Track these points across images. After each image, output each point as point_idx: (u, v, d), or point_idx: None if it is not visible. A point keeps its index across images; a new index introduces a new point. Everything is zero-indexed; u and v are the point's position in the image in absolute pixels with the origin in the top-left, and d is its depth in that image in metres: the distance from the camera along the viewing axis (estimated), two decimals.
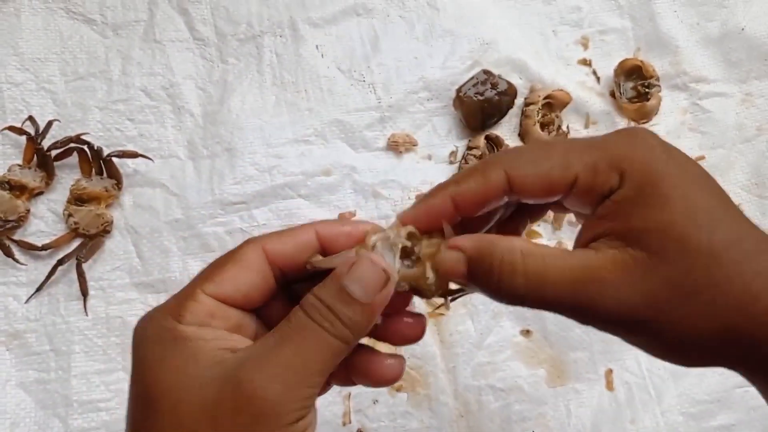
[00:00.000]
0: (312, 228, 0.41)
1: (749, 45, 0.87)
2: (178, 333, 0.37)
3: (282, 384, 0.35)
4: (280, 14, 0.85)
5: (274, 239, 0.40)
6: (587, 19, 0.89)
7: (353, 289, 0.37)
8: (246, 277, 0.39)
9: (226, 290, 0.38)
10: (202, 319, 0.37)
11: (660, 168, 0.36)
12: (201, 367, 0.35)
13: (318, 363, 0.36)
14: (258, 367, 0.35)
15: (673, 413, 0.74)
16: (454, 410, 0.73)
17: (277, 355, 0.35)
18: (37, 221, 0.76)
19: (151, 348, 0.37)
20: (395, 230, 0.40)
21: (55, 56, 0.81)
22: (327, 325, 0.36)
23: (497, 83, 0.81)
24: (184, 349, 0.36)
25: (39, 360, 0.72)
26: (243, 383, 0.34)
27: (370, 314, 0.37)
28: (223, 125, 0.80)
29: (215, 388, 0.35)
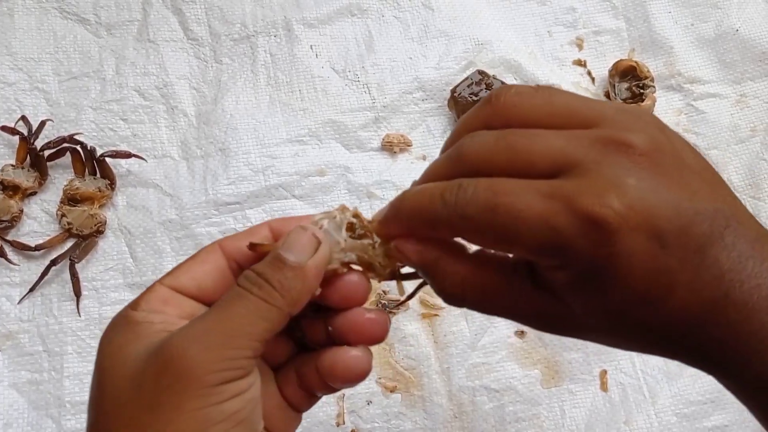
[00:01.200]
0: (266, 224, 0.42)
1: (744, 46, 0.88)
2: (128, 318, 0.38)
3: (202, 345, 0.35)
4: (274, 14, 0.85)
5: (232, 237, 0.42)
6: (582, 19, 0.89)
7: (286, 255, 0.37)
8: (199, 268, 0.41)
9: (180, 280, 0.40)
10: (154, 306, 0.39)
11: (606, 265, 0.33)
12: (141, 345, 0.37)
13: (244, 325, 0.36)
14: (180, 333, 0.36)
15: (667, 414, 0.74)
16: (448, 411, 0.73)
17: (199, 321, 0.37)
18: (30, 221, 0.76)
19: (106, 335, 0.39)
20: (340, 210, 0.41)
21: (48, 56, 0.81)
22: (255, 290, 0.37)
23: (492, 84, 0.81)
24: (131, 330, 0.38)
25: (32, 361, 0.71)
26: (165, 348, 0.35)
27: (302, 277, 0.38)
28: (217, 125, 0.80)
29: (143, 359, 0.36)
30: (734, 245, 0.33)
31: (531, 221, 0.33)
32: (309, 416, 0.71)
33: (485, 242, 0.36)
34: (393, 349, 0.75)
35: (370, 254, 0.40)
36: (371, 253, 0.40)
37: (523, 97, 0.37)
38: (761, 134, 0.85)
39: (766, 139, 0.85)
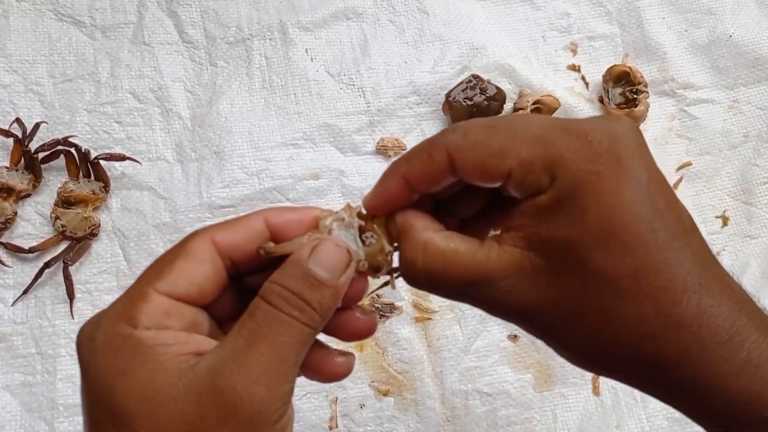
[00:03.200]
0: (261, 216, 0.39)
1: (737, 52, 0.88)
2: (135, 340, 0.34)
3: (266, 386, 0.33)
4: (269, 18, 0.85)
5: (223, 229, 0.38)
6: (576, 25, 0.89)
7: (318, 271, 0.35)
8: (198, 271, 0.37)
9: (179, 287, 0.36)
10: (158, 321, 0.35)
11: (590, 182, 0.34)
12: (170, 377, 0.33)
13: (293, 355, 0.35)
14: (237, 372, 0.33)
15: (658, 418, 0.74)
16: (440, 415, 0.73)
17: (254, 356, 0.34)
18: (24, 224, 0.76)
19: (107, 359, 0.34)
20: (347, 211, 0.40)
21: (43, 58, 0.81)
22: (297, 314, 0.35)
23: (486, 88, 0.82)
24: (147, 359, 0.34)
25: (25, 363, 0.71)
26: (225, 391, 0.33)
27: (337, 296, 0.36)
28: (211, 128, 0.80)
29: (193, 400, 0.33)
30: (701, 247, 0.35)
31: (528, 136, 0.35)
32: (302, 420, 0.71)
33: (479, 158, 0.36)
34: (386, 353, 0.75)
35: (379, 259, 0.40)
36: (380, 258, 0.40)
37: None
38: (754, 140, 0.85)
39: (758, 144, 0.85)
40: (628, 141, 0.35)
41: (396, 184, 0.39)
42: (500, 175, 0.36)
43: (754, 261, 0.81)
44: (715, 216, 0.83)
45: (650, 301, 0.33)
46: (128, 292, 0.36)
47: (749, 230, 0.82)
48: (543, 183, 0.35)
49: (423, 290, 0.39)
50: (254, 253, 0.38)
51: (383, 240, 0.40)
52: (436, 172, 0.38)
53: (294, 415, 0.38)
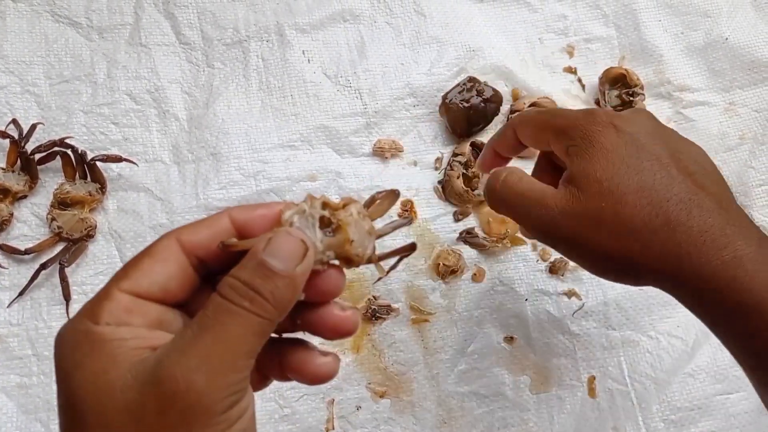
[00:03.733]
0: (225, 214, 0.40)
1: (733, 54, 0.88)
2: (94, 335, 0.35)
3: (205, 374, 0.33)
4: (266, 19, 0.85)
5: (189, 229, 0.39)
6: (573, 27, 0.89)
7: (273, 263, 0.35)
8: (161, 269, 0.37)
9: (141, 285, 0.37)
10: (118, 317, 0.36)
11: (593, 136, 0.50)
12: (121, 369, 0.34)
13: (242, 345, 0.35)
14: (177, 361, 0.34)
15: (655, 420, 0.74)
16: (437, 417, 0.73)
17: (196, 345, 0.34)
18: (21, 225, 0.76)
19: (68, 354, 0.35)
20: (309, 203, 0.39)
21: (40, 59, 0.81)
22: (247, 304, 0.35)
23: (483, 90, 0.82)
24: (102, 352, 0.34)
25: (21, 365, 0.71)
26: (164, 380, 0.33)
27: (293, 286, 0.36)
28: (208, 130, 0.80)
29: (137, 390, 0.33)
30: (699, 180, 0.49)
31: (562, 115, 0.54)
32: (298, 422, 0.71)
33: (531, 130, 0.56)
34: (383, 355, 0.75)
35: (347, 249, 0.39)
36: (348, 247, 0.39)
37: None
38: (750, 142, 0.86)
39: (754, 147, 0.85)
40: (627, 118, 0.52)
41: (490, 153, 0.62)
42: (544, 142, 0.54)
43: None
44: None
45: (650, 207, 0.47)
46: (97, 293, 0.37)
47: None
48: (566, 141, 0.52)
49: (494, 205, 0.56)
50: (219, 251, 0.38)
51: (347, 230, 0.39)
52: (510, 143, 0.59)
53: (254, 411, 0.38)
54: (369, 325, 0.76)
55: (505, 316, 0.77)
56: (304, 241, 0.37)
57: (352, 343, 0.75)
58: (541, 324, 0.77)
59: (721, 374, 0.76)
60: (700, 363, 0.76)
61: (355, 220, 0.40)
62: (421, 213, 0.80)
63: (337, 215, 0.39)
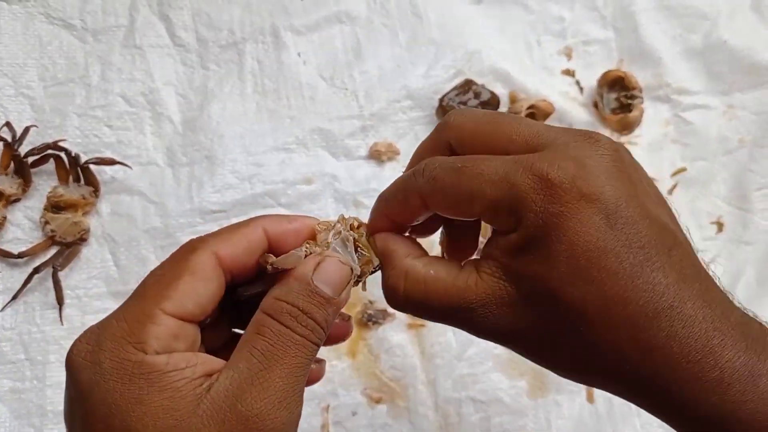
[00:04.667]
0: (260, 226, 0.39)
1: (732, 57, 0.88)
2: (147, 367, 0.33)
3: (287, 409, 0.34)
4: (262, 21, 0.84)
5: (225, 242, 0.38)
6: (571, 29, 0.89)
7: (324, 289, 0.36)
8: (205, 290, 0.37)
9: (187, 307, 0.36)
10: (167, 344, 0.34)
11: (554, 223, 0.34)
12: (189, 404, 0.33)
13: (305, 375, 0.36)
14: (259, 397, 0.34)
15: (653, 426, 0.74)
16: (434, 422, 0.73)
17: (272, 379, 0.34)
18: (14, 228, 0.75)
19: (119, 386, 0.33)
20: (342, 224, 0.40)
21: (33, 61, 0.80)
22: (308, 333, 0.35)
23: (480, 93, 0.81)
24: (163, 386, 0.33)
25: (14, 369, 0.71)
26: (249, 418, 0.33)
27: (338, 312, 0.37)
28: (203, 132, 0.79)
29: (216, 428, 0.33)
30: (680, 265, 0.35)
31: (493, 178, 0.35)
32: None
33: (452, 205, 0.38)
34: (379, 360, 0.74)
35: (365, 270, 0.40)
36: (365, 269, 0.40)
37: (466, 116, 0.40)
38: (749, 145, 0.85)
39: (753, 150, 0.85)
40: (593, 172, 0.35)
41: (382, 220, 0.41)
42: (471, 215, 0.38)
43: (749, 267, 0.80)
44: (710, 222, 0.83)
45: (623, 329, 0.34)
46: (131, 311, 0.35)
47: (744, 236, 0.82)
48: (510, 224, 0.36)
49: (406, 313, 0.41)
50: (252, 265, 0.38)
51: (371, 253, 0.40)
52: (413, 211, 0.40)
53: None
54: (365, 330, 0.75)
55: None
56: (351, 268, 0.38)
57: (348, 349, 0.74)
58: None
59: None
60: None
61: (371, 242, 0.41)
62: None
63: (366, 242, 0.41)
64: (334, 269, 0.37)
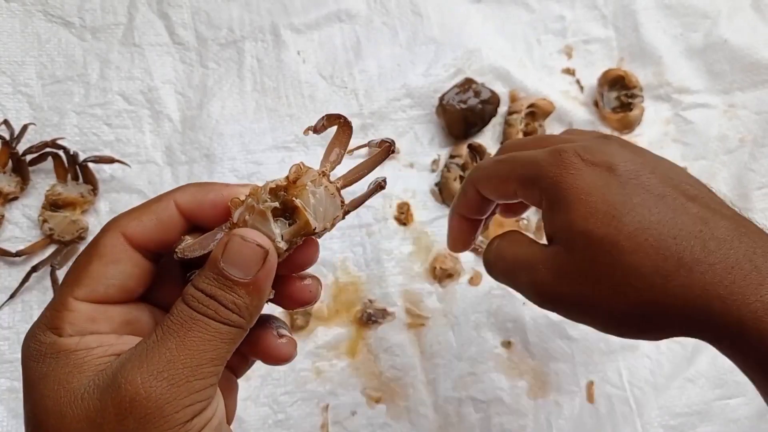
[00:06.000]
0: (170, 199, 0.38)
1: (732, 56, 0.87)
2: (57, 347, 0.34)
3: (167, 381, 0.32)
4: (261, 19, 0.84)
5: (133, 220, 0.37)
6: (571, 28, 0.89)
7: (232, 272, 0.34)
8: (114, 271, 0.36)
9: (97, 291, 0.35)
10: (82, 327, 0.35)
11: (566, 181, 0.42)
12: (84, 378, 0.33)
13: (207, 352, 0.34)
14: (138, 366, 0.33)
15: (653, 425, 0.73)
16: (433, 422, 0.73)
17: (158, 351, 0.33)
18: (12, 227, 0.75)
19: (32, 366, 0.34)
20: (257, 195, 0.37)
21: (32, 59, 0.80)
22: (211, 313, 0.34)
23: (480, 91, 0.81)
24: (67, 362, 0.34)
25: (11, 368, 0.70)
26: (123, 386, 0.32)
27: (258, 292, 0.35)
28: (202, 131, 0.79)
29: (97, 397, 0.32)
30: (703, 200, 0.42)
31: (523, 161, 0.46)
32: (292, 427, 0.71)
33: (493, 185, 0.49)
34: (378, 359, 0.74)
35: (310, 230, 0.37)
36: (311, 229, 0.37)
37: None
38: (749, 144, 0.85)
39: (754, 149, 0.85)
40: (600, 149, 0.44)
41: (456, 221, 0.54)
42: (511, 194, 0.47)
43: None
44: None
45: (654, 251, 0.39)
46: (53, 300, 0.36)
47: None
48: (537, 195, 0.45)
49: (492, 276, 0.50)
50: (170, 246, 0.37)
51: (305, 213, 0.36)
52: (475, 202, 0.51)
53: (224, 421, 0.37)
54: (364, 329, 0.75)
55: (502, 321, 0.76)
56: (261, 245, 0.35)
57: (348, 348, 0.74)
58: (539, 328, 0.76)
59: (721, 379, 0.75)
60: (699, 368, 0.75)
61: (313, 192, 0.37)
62: (417, 216, 0.79)
63: (291, 194, 0.37)
64: (240, 248, 0.35)
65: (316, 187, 0.37)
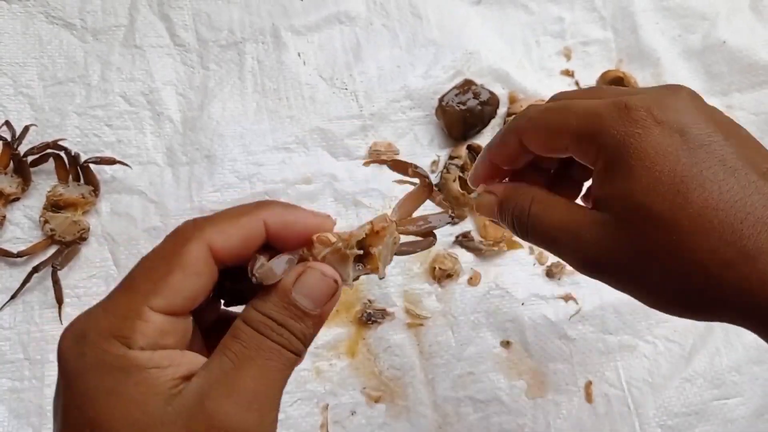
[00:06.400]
0: (260, 217, 0.37)
1: (731, 58, 0.88)
2: (129, 361, 0.33)
3: (257, 412, 0.33)
4: (262, 21, 0.84)
5: (221, 233, 0.36)
6: (570, 30, 0.89)
7: (304, 303, 0.35)
8: (195, 285, 0.35)
9: (175, 303, 0.34)
10: (153, 341, 0.33)
11: (632, 143, 0.38)
12: (161, 400, 0.32)
13: (279, 381, 0.35)
14: (227, 397, 0.33)
15: (651, 425, 0.74)
16: (432, 422, 0.73)
17: (242, 381, 0.33)
18: (13, 228, 0.75)
19: (97, 377, 0.33)
20: (345, 243, 0.38)
21: (33, 60, 0.80)
22: (285, 342, 0.35)
23: (479, 93, 0.81)
24: (140, 381, 0.32)
25: (13, 368, 0.71)
26: (215, 417, 0.32)
27: (320, 324, 0.36)
28: (203, 132, 0.79)
29: (182, 425, 0.32)
30: None
31: (579, 112, 0.40)
32: (292, 427, 0.71)
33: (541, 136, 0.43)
34: (378, 359, 0.74)
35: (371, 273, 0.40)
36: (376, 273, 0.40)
37: None
38: None
39: None
40: (669, 104, 0.39)
41: (485, 166, 0.48)
42: (561, 148, 0.42)
43: None
44: None
45: (717, 235, 0.35)
46: (118, 305, 0.34)
47: None
48: (593, 153, 0.40)
49: (524, 238, 0.44)
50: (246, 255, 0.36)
51: (377, 261, 0.39)
52: (513, 152, 0.45)
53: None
54: (364, 329, 0.75)
55: (501, 321, 0.76)
56: (337, 282, 0.37)
57: (347, 348, 0.74)
58: (537, 328, 0.76)
59: (719, 379, 0.75)
60: (697, 368, 0.76)
61: (386, 243, 0.40)
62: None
63: (370, 243, 0.39)
64: (316, 282, 0.36)
65: (389, 237, 0.40)
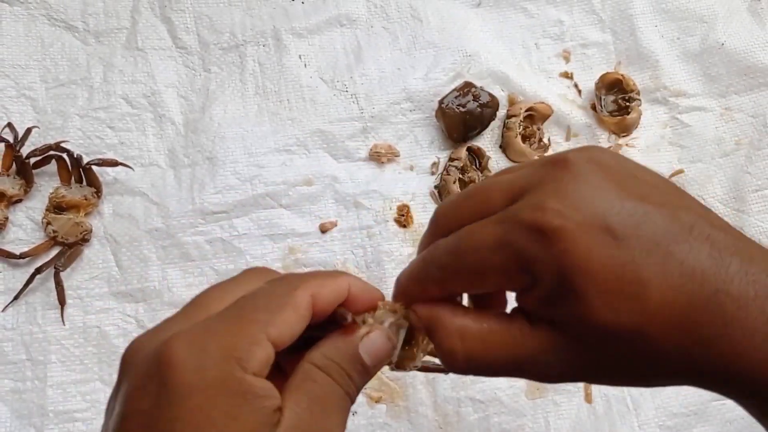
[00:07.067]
0: (347, 282, 0.40)
1: (729, 60, 0.88)
2: (246, 386, 0.34)
3: None
4: (263, 24, 0.85)
5: (322, 287, 0.38)
6: (569, 32, 0.89)
7: (367, 360, 0.38)
8: (300, 324, 0.37)
9: (283, 338, 0.36)
10: (262, 369, 0.35)
11: (565, 264, 0.33)
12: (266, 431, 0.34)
13: (341, 425, 0.37)
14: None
15: (651, 426, 0.74)
16: (433, 422, 0.73)
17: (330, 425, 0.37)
18: (16, 229, 0.75)
19: (218, 397, 0.33)
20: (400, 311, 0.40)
21: (36, 63, 0.81)
22: (352, 392, 0.38)
23: (479, 95, 0.82)
24: (256, 410, 0.34)
25: (15, 369, 0.71)
26: None
27: (369, 380, 0.39)
28: (204, 134, 0.80)
29: None
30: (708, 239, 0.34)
31: (491, 246, 0.35)
32: None
33: (465, 284, 0.38)
34: None
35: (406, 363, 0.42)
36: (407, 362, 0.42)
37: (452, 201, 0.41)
38: (746, 147, 0.86)
39: (750, 152, 0.85)
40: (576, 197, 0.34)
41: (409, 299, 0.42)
42: (491, 288, 0.38)
43: None
44: None
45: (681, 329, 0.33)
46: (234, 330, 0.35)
47: None
48: (528, 281, 0.35)
49: (468, 375, 0.39)
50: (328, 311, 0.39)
51: (419, 352, 0.41)
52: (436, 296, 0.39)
53: None
54: None
55: None
56: (395, 347, 0.39)
57: None
58: None
59: None
60: None
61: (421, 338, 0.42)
62: (417, 218, 0.80)
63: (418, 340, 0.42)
64: (381, 343, 0.39)
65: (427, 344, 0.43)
